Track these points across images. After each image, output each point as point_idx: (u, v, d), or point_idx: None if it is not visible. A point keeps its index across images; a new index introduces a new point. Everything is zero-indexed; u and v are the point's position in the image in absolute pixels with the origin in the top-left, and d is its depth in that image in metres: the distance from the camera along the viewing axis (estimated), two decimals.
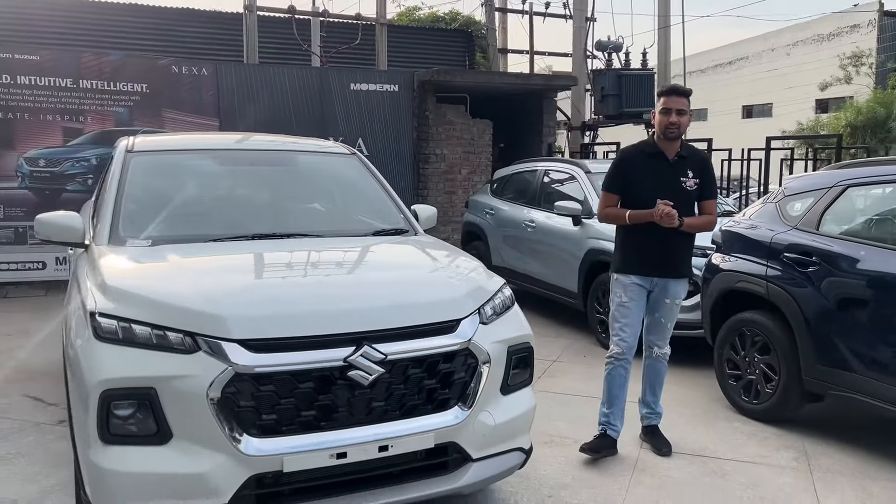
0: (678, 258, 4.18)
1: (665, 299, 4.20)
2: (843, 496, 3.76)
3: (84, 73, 9.00)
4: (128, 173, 3.91)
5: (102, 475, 2.58)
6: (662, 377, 4.39)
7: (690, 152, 4.25)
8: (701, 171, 4.18)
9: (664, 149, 4.14)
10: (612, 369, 4.22)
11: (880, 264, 4.11)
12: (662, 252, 4.10)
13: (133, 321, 2.70)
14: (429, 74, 10.70)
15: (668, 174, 4.11)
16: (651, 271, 4.15)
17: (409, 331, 2.85)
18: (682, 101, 4.08)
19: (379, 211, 4.26)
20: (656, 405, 4.42)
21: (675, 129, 4.06)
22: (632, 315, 4.17)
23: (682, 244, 4.16)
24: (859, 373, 4.14)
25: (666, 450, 4.28)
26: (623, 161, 4.30)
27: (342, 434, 2.73)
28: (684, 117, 4.07)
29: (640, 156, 4.22)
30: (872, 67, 30.85)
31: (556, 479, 3.91)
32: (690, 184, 4.13)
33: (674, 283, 4.19)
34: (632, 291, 4.16)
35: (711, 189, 4.25)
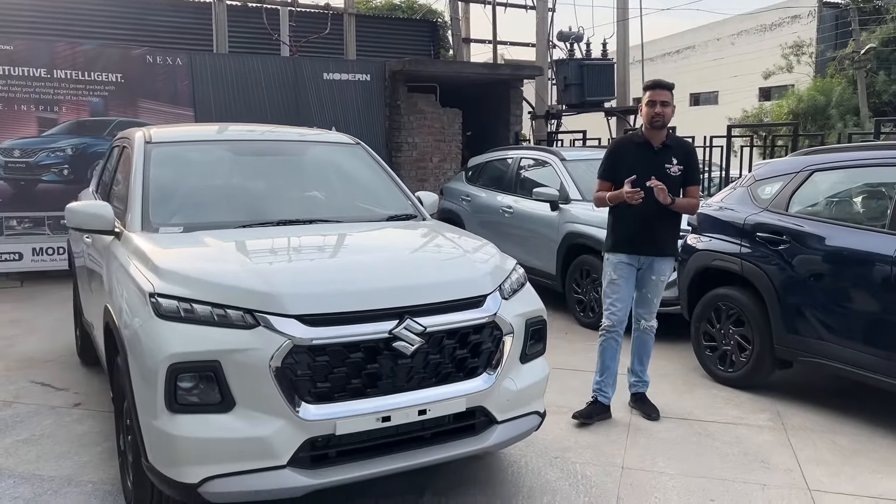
0: (663, 239, 4.53)
1: (651, 276, 4.55)
2: (816, 449, 4.19)
3: (58, 63, 8.98)
4: (150, 164, 4.08)
5: (171, 441, 2.81)
6: (650, 348, 4.75)
7: (676, 142, 4.61)
8: (685, 159, 4.51)
9: (650, 138, 4.48)
10: (605, 341, 4.60)
11: (843, 241, 4.55)
12: (649, 233, 4.46)
13: (193, 300, 2.93)
14: (400, 64, 10.93)
15: (654, 161, 4.43)
16: (639, 250, 4.51)
17: (444, 305, 3.14)
18: (666, 94, 4.43)
19: (388, 197, 4.52)
20: (644, 374, 4.78)
21: (660, 119, 4.40)
22: (622, 291, 4.54)
23: (667, 226, 4.51)
24: (825, 339, 4.58)
25: (654, 415, 4.64)
26: (614, 150, 4.68)
27: (387, 399, 3.00)
28: (668, 108, 4.41)
29: (629, 145, 4.61)
30: (812, 57, 32.04)
31: (559, 443, 4.25)
32: (675, 170, 4.45)
33: (659, 262, 4.54)
34: (621, 269, 4.53)
35: (695, 175, 4.60)
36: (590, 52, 13.65)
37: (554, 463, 3.99)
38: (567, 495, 3.62)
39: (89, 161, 9.23)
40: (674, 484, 3.75)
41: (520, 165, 8.53)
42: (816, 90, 27.55)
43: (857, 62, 27.11)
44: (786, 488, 3.71)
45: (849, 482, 3.78)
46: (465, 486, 3.70)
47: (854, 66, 27.47)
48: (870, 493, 3.67)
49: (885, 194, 4.59)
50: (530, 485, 3.74)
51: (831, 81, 28.09)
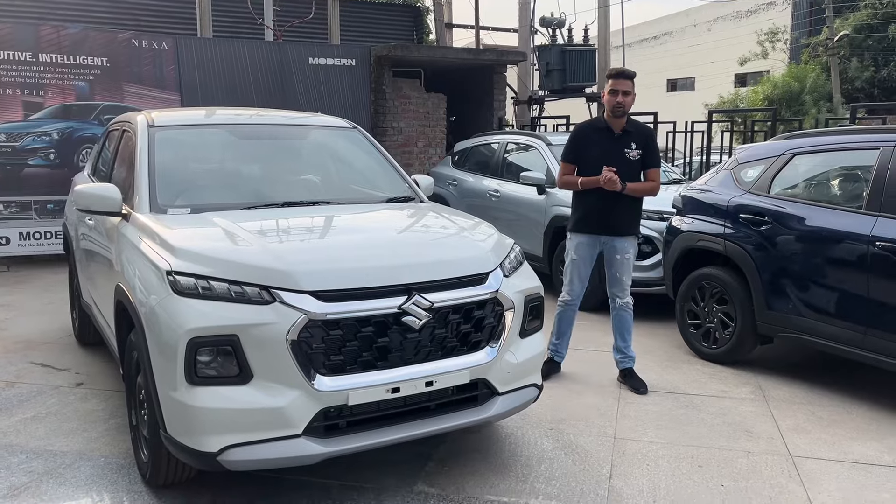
0: (622, 219, 4.77)
1: (615, 255, 4.81)
2: (797, 419, 4.41)
3: (43, 47, 8.95)
4: (155, 147, 4.16)
5: (191, 412, 2.93)
6: (629, 324, 4.95)
7: (636, 127, 4.85)
8: (644, 143, 4.77)
9: (611, 124, 4.76)
10: (562, 311, 5.02)
11: (822, 221, 4.76)
12: (607, 214, 4.72)
13: (210, 278, 3.05)
14: (385, 49, 11.00)
15: (613, 146, 4.71)
16: (597, 231, 4.80)
17: (450, 282, 3.28)
18: (628, 84, 4.69)
19: (386, 180, 4.65)
20: (628, 350, 4.97)
21: (621, 107, 4.67)
22: (580, 270, 4.90)
23: (625, 207, 4.75)
24: (805, 316, 4.80)
25: (643, 389, 4.84)
26: (577, 135, 4.96)
27: (396, 372, 3.15)
28: (629, 97, 4.68)
29: (591, 130, 4.89)
30: (787, 43, 32.47)
31: (553, 415, 4.43)
32: (633, 154, 4.72)
33: (619, 241, 4.78)
34: (581, 249, 4.87)
35: (654, 159, 4.83)
36: (572, 37, 13.79)
37: (549, 434, 4.16)
38: (563, 463, 3.80)
39: (76, 145, 9.25)
40: (664, 452, 3.94)
41: (506, 150, 8.68)
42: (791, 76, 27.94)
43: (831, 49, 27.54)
44: (769, 455, 3.92)
45: (828, 449, 4.00)
46: (467, 455, 3.87)
47: (828, 52, 27.90)
48: (847, 458, 3.89)
49: (861, 176, 4.81)
50: (528, 454, 3.91)
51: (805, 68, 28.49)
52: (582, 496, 3.46)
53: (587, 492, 3.50)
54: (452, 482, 3.57)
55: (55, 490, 3.48)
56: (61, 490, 3.48)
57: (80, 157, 9.21)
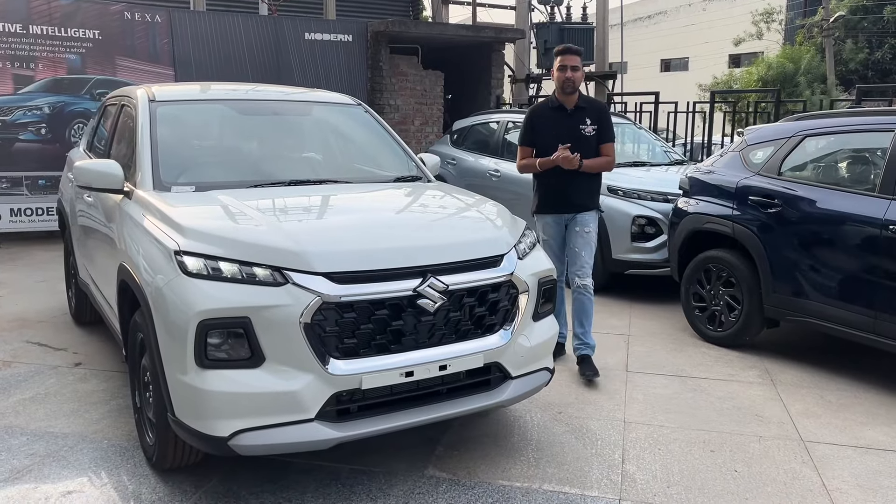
0: (582, 195, 4.72)
1: (576, 228, 4.72)
2: (806, 403, 4.39)
3: (34, 18, 8.74)
4: (157, 123, 4.05)
5: (202, 396, 2.85)
6: (589, 310, 4.78)
7: (589, 103, 4.78)
8: (598, 119, 4.69)
9: (564, 102, 4.68)
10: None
11: (834, 204, 4.71)
12: (569, 191, 4.68)
13: (220, 258, 2.96)
14: (383, 25, 10.82)
15: (568, 124, 4.65)
16: (562, 208, 4.75)
17: (465, 264, 3.21)
18: (575, 59, 4.63)
19: (393, 159, 4.55)
20: (586, 337, 4.78)
21: (571, 84, 4.61)
22: (553, 247, 4.81)
23: (584, 183, 4.70)
24: (814, 299, 4.77)
25: (590, 374, 4.65)
26: (531, 117, 4.87)
27: (410, 355, 3.08)
28: (577, 73, 4.63)
29: (545, 110, 4.81)
30: (782, 24, 32.37)
31: (560, 399, 4.38)
32: (588, 130, 4.65)
33: (581, 216, 4.73)
34: (550, 228, 4.81)
35: (608, 133, 4.76)
36: (570, 15, 13.64)
37: (558, 418, 4.12)
38: (574, 447, 3.76)
39: (67, 120, 9.07)
40: (675, 436, 3.90)
41: (507, 129, 8.57)
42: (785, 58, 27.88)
43: (826, 30, 27.46)
44: (780, 439, 3.89)
45: (839, 433, 3.98)
46: (476, 439, 3.82)
47: (823, 33, 27.82)
48: (859, 443, 3.87)
49: (875, 159, 4.75)
50: (538, 438, 3.87)
51: (800, 49, 28.43)
52: (595, 481, 3.42)
53: (600, 477, 3.46)
54: (463, 467, 3.53)
55: (58, 473, 3.40)
56: (64, 473, 3.41)
57: (71, 132, 9.04)
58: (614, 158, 4.81)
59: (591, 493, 3.32)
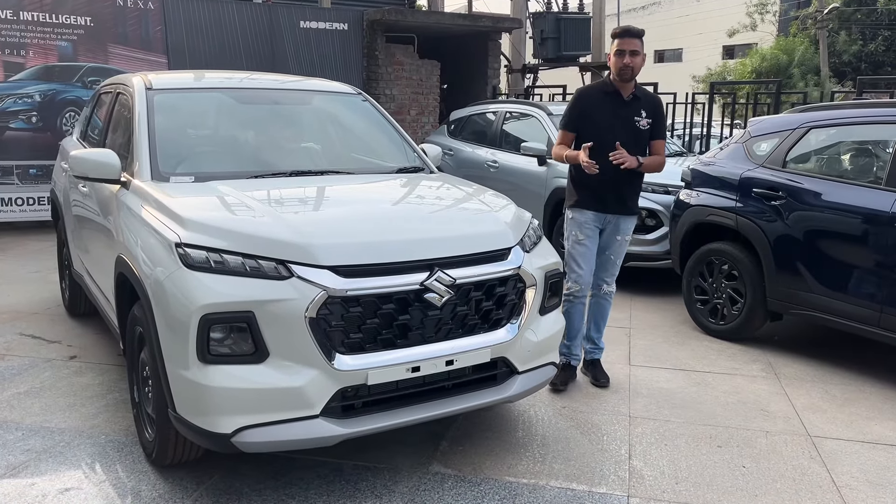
0: (630, 196, 4.31)
1: (616, 236, 4.32)
2: (811, 398, 4.36)
3: (24, 5, 8.59)
4: (154, 111, 3.95)
5: (204, 392, 2.78)
6: (607, 313, 4.53)
7: (644, 94, 4.32)
8: (654, 112, 4.28)
9: (620, 89, 4.21)
10: (571, 306, 4.34)
11: (840, 197, 4.66)
12: (616, 190, 4.21)
13: (223, 251, 2.88)
14: (379, 13, 10.71)
15: (623, 113, 4.19)
16: (606, 208, 4.26)
17: (472, 258, 3.14)
18: (636, 43, 4.14)
19: (395, 149, 4.48)
20: (599, 341, 4.55)
21: (629, 70, 4.12)
22: (588, 252, 4.30)
23: (633, 182, 4.30)
24: (819, 293, 4.72)
25: (604, 381, 4.43)
26: (579, 99, 4.33)
27: (416, 350, 3.02)
28: (637, 58, 4.13)
29: (597, 94, 4.28)
30: (776, 16, 32.38)
31: (564, 393, 4.33)
32: (644, 123, 4.21)
33: (625, 220, 4.32)
34: (588, 229, 4.28)
35: (662, 130, 4.36)
36: (567, 5, 13.54)
37: (562, 413, 4.07)
38: (579, 443, 3.71)
39: (59, 108, 8.95)
40: (681, 431, 3.86)
41: (505, 119, 8.49)
42: (779, 49, 27.91)
43: (820, 22, 27.47)
44: (787, 434, 3.86)
45: (846, 428, 3.95)
46: (480, 435, 3.77)
47: (816, 25, 27.83)
48: (866, 438, 3.84)
49: (882, 151, 4.70)
50: (543, 433, 3.81)
51: (794, 41, 28.46)
52: (603, 477, 3.37)
53: (607, 473, 3.41)
54: (468, 463, 3.47)
55: (55, 469, 3.33)
56: (61, 469, 3.33)
57: (63, 121, 8.91)
58: (665, 159, 4.35)
59: (599, 489, 3.28)
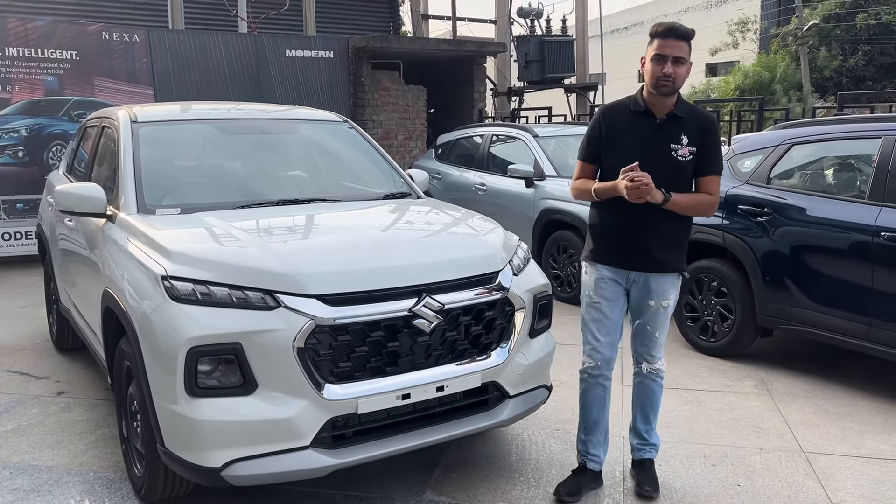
0: (662, 246, 3.22)
1: (649, 301, 3.28)
2: (804, 413, 4.35)
3: (10, 40, 8.60)
4: (139, 144, 3.96)
5: (193, 425, 2.76)
6: (657, 400, 3.47)
7: (689, 112, 3.22)
8: (701, 138, 3.18)
9: (653, 106, 3.20)
10: (587, 388, 3.44)
11: (825, 212, 4.70)
12: (639, 237, 3.20)
13: (209, 282, 2.87)
14: (364, 41, 10.79)
15: (653, 138, 3.18)
16: (626, 263, 3.26)
17: (460, 282, 3.14)
18: (682, 47, 3.09)
19: (381, 176, 4.49)
20: (650, 435, 3.49)
21: (670, 82, 3.09)
22: (606, 318, 3.31)
23: (667, 228, 3.21)
24: (807, 308, 4.74)
25: (649, 489, 3.40)
26: (600, 121, 3.30)
27: (406, 377, 3.00)
28: (682, 68, 3.10)
29: (624, 113, 3.26)
30: (757, 33, 32.76)
31: (558, 415, 4.31)
32: (684, 152, 3.15)
33: (656, 280, 3.25)
34: (604, 288, 3.29)
35: (714, 161, 3.22)
36: (550, 28, 13.70)
37: (556, 435, 4.05)
38: (574, 465, 3.68)
39: (45, 142, 8.93)
40: (675, 451, 3.85)
41: (491, 142, 8.54)
42: (761, 66, 28.18)
43: (800, 38, 27.81)
44: (781, 451, 3.85)
45: (839, 443, 3.94)
46: (474, 460, 3.74)
47: (797, 42, 28.17)
48: (860, 452, 3.83)
49: (863, 166, 4.75)
50: (537, 457, 3.79)
51: (775, 58, 28.76)
52: (597, 500, 3.35)
53: (602, 496, 3.39)
54: (462, 489, 3.44)
55: None
56: None
57: (49, 155, 8.89)
58: (717, 200, 3.27)
59: None
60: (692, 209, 3.23)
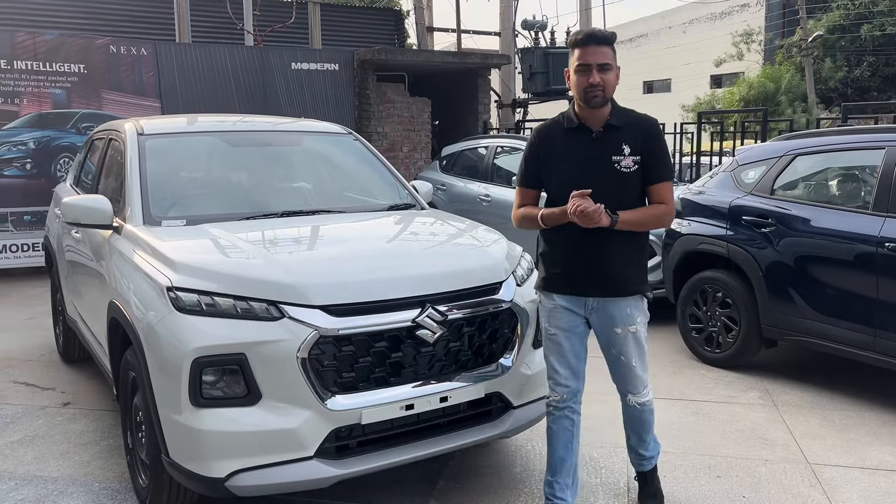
0: (619, 268, 2.99)
1: (615, 329, 3.04)
2: (809, 425, 4.34)
3: (18, 54, 8.69)
4: (146, 156, 3.99)
5: (197, 436, 2.77)
6: (648, 423, 3.29)
7: (628, 120, 3.01)
8: (644, 145, 2.97)
9: (586, 119, 2.98)
10: (552, 421, 3.16)
11: (828, 223, 4.70)
12: (595, 261, 2.97)
13: (214, 293, 2.89)
14: (369, 53, 10.86)
15: (592, 153, 2.96)
16: (581, 290, 3.03)
17: (464, 293, 3.16)
18: (605, 52, 2.91)
19: (385, 187, 4.51)
20: (646, 448, 3.35)
21: (600, 92, 2.90)
22: (562, 350, 3.09)
23: (622, 248, 2.98)
24: (812, 318, 4.73)
25: (652, 500, 3.36)
26: (535, 142, 3.13)
27: (409, 387, 3.01)
28: (610, 74, 2.91)
29: (558, 132, 3.05)
30: (761, 45, 32.83)
31: None
32: (628, 163, 2.94)
33: (617, 305, 3.02)
34: (559, 318, 3.08)
35: (661, 167, 3.00)
36: (554, 40, 13.77)
37: None
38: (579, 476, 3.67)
39: (53, 154, 9.01)
40: (680, 462, 3.84)
41: (496, 154, 8.57)
42: (766, 77, 28.22)
43: (805, 50, 27.85)
44: (787, 462, 3.83)
45: (845, 455, 3.93)
46: (478, 471, 3.74)
47: (801, 53, 28.21)
48: (866, 464, 3.82)
49: (867, 176, 4.75)
50: (541, 468, 3.77)
51: (780, 69, 28.79)
52: None
53: None
54: (466, 500, 3.44)
55: None
56: None
57: (57, 167, 8.96)
58: (673, 207, 3.04)
59: None
60: (647, 223, 3.00)
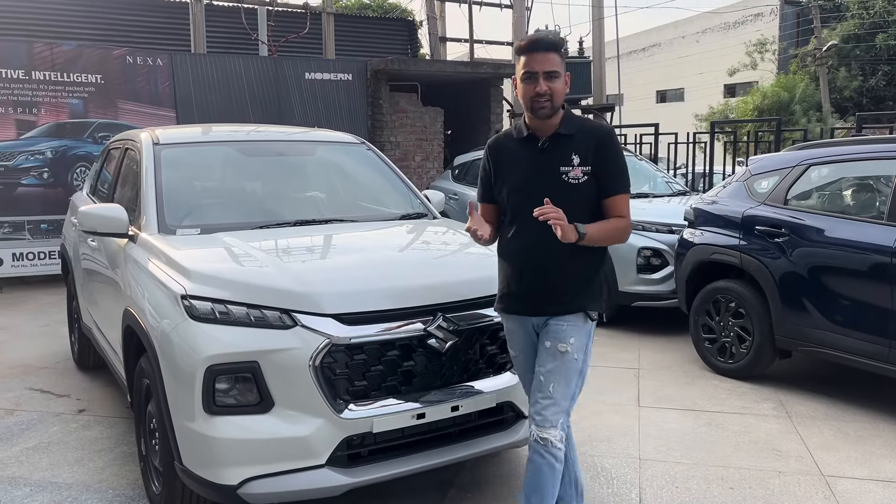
0: (565, 285, 2.77)
1: (545, 342, 2.79)
2: (823, 436, 4.30)
3: (36, 64, 8.80)
4: (161, 165, 4.03)
5: (210, 443, 2.79)
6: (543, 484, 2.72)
7: (580, 129, 2.79)
8: (596, 155, 2.75)
9: (537, 130, 2.81)
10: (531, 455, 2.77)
11: (843, 233, 4.67)
12: (536, 277, 2.79)
13: (227, 302, 2.91)
14: (382, 63, 10.92)
15: (538, 163, 2.79)
16: (527, 308, 2.84)
17: (475, 302, 3.16)
18: (552, 59, 2.70)
19: (398, 196, 4.53)
20: None
21: (547, 101, 2.69)
22: (526, 372, 2.94)
23: (574, 264, 2.76)
24: (826, 329, 4.70)
25: None
26: (486, 155, 2.97)
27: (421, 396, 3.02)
28: (558, 82, 2.70)
29: (508, 144, 2.91)
30: (775, 54, 32.73)
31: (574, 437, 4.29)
32: (576, 174, 2.73)
33: (556, 323, 2.77)
34: (514, 341, 2.95)
35: (618, 180, 2.79)
36: (566, 50, 13.77)
37: None
38: (590, 487, 3.66)
39: (70, 164, 9.09)
40: (692, 473, 3.82)
41: None
42: (780, 86, 28.12)
43: (819, 59, 27.74)
44: (800, 474, 3.81)
45: (859, 467, 3.89)
46: (488, 481, 3.74)
47: (816, 62, 28.10)
48: (880, 476, 3.78)
49: (882, 186, 4.73)
50: None
51: (794, 78, 28.70)
52: None
53: None
54: None
55: None
56: None
57: (74, 176, 9.06)
58: (629, 220, 2.83)
59: None
60: (609, 239, 2.80)
